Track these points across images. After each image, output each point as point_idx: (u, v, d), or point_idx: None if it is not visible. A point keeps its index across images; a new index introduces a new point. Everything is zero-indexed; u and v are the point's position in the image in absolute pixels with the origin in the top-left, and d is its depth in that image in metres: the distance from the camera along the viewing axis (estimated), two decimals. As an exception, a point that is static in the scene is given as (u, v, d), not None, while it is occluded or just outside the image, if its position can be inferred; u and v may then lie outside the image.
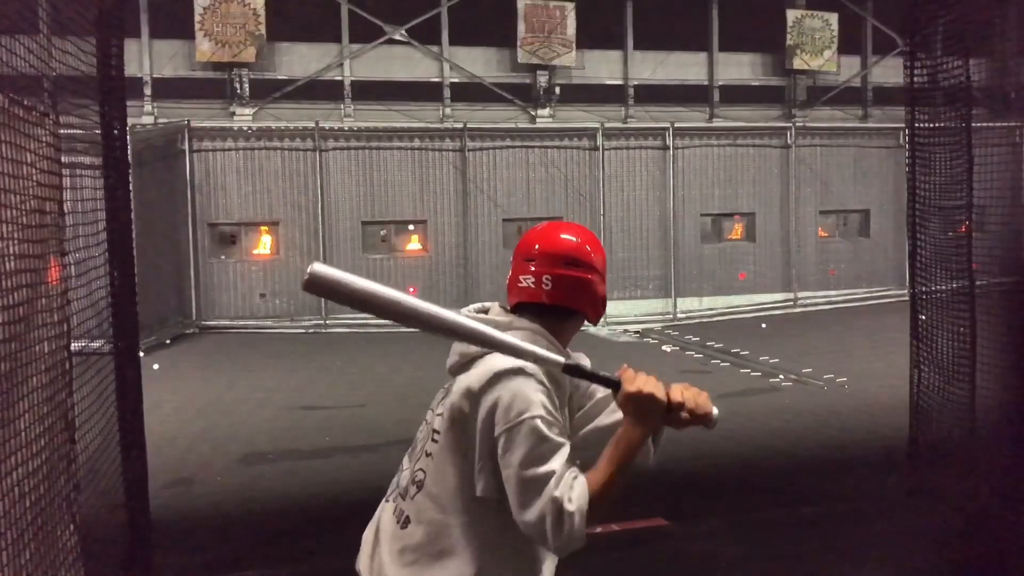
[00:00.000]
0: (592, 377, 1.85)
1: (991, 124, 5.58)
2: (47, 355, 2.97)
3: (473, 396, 1.85)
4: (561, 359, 1.82)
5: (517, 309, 2.02)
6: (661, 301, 17.71)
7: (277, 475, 6.83)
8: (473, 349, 1.92)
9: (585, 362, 1.95)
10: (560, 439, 1.79)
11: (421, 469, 1.94)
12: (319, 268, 1.74)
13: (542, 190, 17.28)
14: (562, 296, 1.98)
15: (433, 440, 1.94)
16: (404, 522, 1.92)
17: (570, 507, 1.72)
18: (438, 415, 1.95)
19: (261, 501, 6.17)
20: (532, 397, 1.80)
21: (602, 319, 2.11)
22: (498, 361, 1.85)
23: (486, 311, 2.02)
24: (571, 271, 1.98)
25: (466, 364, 1.93)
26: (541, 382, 1.84)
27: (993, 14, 5.44)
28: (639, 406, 1.76)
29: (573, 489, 1.74)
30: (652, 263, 17.76)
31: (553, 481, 1.73)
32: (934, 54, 5.39)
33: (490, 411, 1.81)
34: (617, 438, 1.80)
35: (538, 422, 1.77)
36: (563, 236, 2.02)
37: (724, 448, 7.34)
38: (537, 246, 2.00)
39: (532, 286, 1.98)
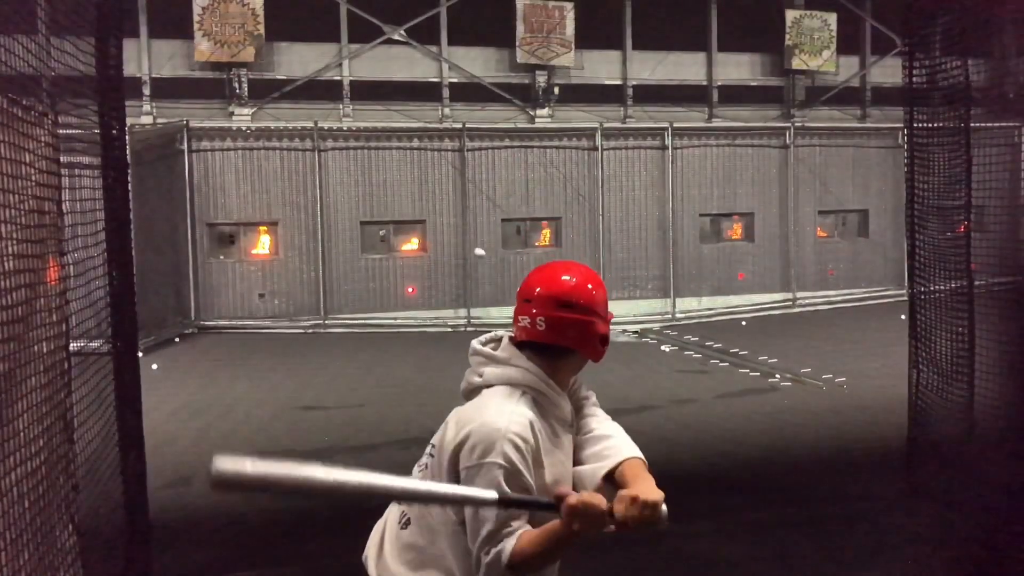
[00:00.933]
0: (527, 505, 1.87)
1: (990, 124, 5.58)
2: (46, 355, 2.96)
3: (453, 427, 1.98)
4: (489, 497, 1.80)
5: (523, 344, 2.09)
6: (660, 301, 17.72)
7: (276, 475, 6.82)
8: (477, 379, 2.05)
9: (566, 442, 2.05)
10: (510, 493, 1.85)
11: (420, 478, 2.07)
12: (224, 466, 1.64)
13: (541, 190, 17.28)
14: (557, 337, 2.05)
15: (429, 455, 2.08)
16: (405, 523, 2.06)
17: (486, 559, 1.86)
18: (438, 432, 2.07)
19: (260, 502, 6.16)
20: (497, 444, 1.87)
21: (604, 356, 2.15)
22: (488, 401, 1.98)
23: (499, 340, 2.13)
24: (566, 313, 2.04)
25: (470, 393, 2.09)
26: (517, 434, 1.90)
27: (991, 14, 5.44)
28: (578, 519, 1.77)
29: (499, 546, 1.85)
30: (651, 263, 17.77)
31: (486, 531, 1.85)
32: (933, 54, 5.40)
33: (458, 445, 1.93)
34: (554, 528, 1.85)
35: (496, 471, 1.86)
36: (561, 278, 2.09)
37: (722, 448, 7.35)
38: (536, 288, 2.07)
39: (529, 326, 2.05)
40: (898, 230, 17.58)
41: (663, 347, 13.99)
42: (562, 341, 2.05)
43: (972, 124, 5.20)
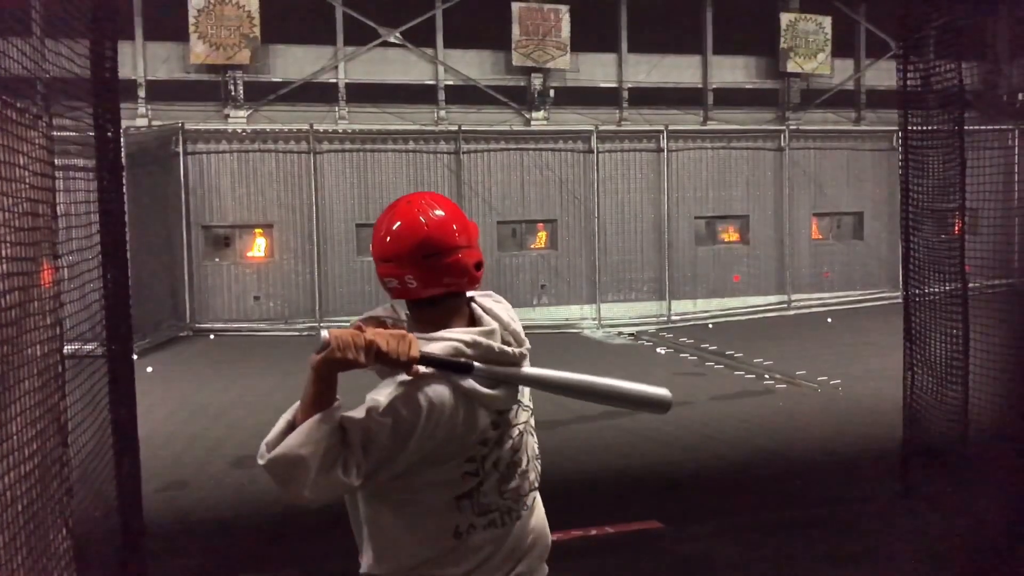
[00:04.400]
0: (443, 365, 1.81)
1: (983, 127, 5.61)
2: (39, 358, 2.95)
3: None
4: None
5: (412, 304, 1.97)
6: (655, 303, 17.74)
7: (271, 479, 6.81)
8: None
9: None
10: (361, 450, 1.74)
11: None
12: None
13: (537, 192, 17.29)
14: (433, 287, 1.90)
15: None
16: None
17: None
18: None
19: (255, 505, 6.15)
20: (382, 398, 1.76)
21: (478, 284, 2.01)
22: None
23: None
24: (434, 261, 1.88)
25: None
26: (402, 401, 1.77)
27: (985, 17, 5.46)
28: (334, 341, 1.70)
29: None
30: (646, 265, 17.78)
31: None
32: (927, 57, 5.41)
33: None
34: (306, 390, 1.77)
35: (385, 421, 1.74)
36: (414, 226, 1.89)
37: (718, 450, 7.35)
38: (393, 245, 1.89)
39: (399, 287, 1.91)
40: (893, 232, 17.64)
41: (658, 349, 14.00)
42: (441, 289, 1.91)
43: (966, 127, 5.22)
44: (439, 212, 1.92)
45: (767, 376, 10.89)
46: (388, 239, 1.90)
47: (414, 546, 1.89)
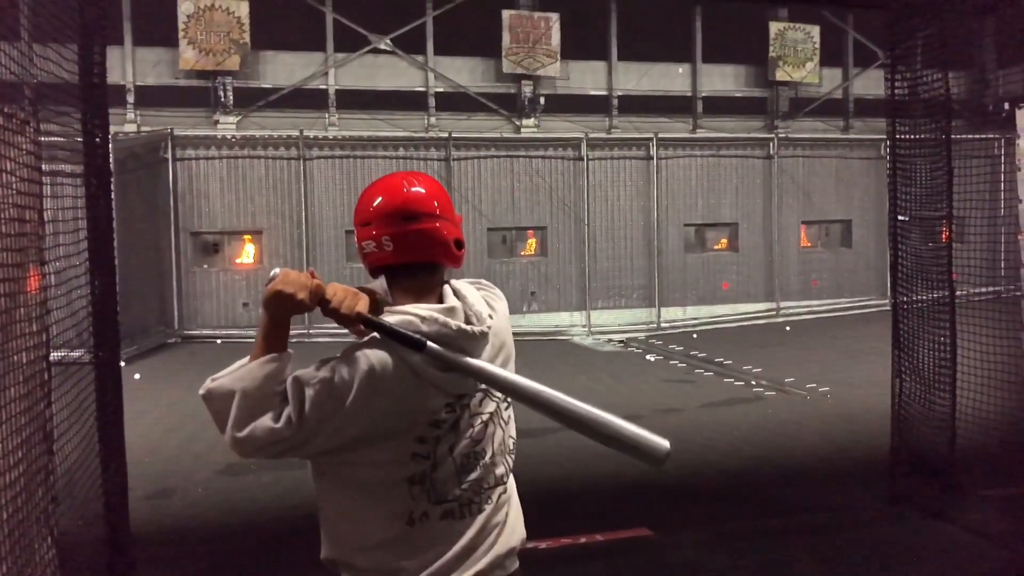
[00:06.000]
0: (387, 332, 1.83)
1: (970, 136, 5.66)
2: (25, 365, 2.93)
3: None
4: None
5: (376, 272, 1.98)
6: (645, 310, 17.76)
7: (260, 486, 6.78)
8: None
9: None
10: (274, 405, 1.78)
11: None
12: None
13: (527, 199, 17.30)
14: (409, 253, 1.91)
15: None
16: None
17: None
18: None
19: (244, 513, 6.11)
20: (330, 358, 1.81)
21: (463, 259, 2.02)
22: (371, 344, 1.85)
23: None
24: (412, 225, 1.89)
25: None
26: (344, 361, 1.80)
27: (972, 28, 5.51)
28: (282, 281, 1.79)
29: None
30: (636, 272, 17.82)
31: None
32: (914, 67, 5.46)
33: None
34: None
35: (322, 376, 1.78)
36: (397, 190, 1.92)
37: (707, 457, 7.36)
38: (373, 206, 1.92)
39: (376, 250, 1.92)
40: (881, 240, 17.75)
41: (648, 356, 14.01)
42: (418, 257, 1.91)
43: (953, 136, 5.26)
44: (422, 184, 1.96)
45: (756, 383, 10.92)
46: (369, 201, 1.93)
47: (364, 528, 1.87)
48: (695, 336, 16.07)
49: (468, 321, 1.89)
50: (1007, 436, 5.69)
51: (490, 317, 1.94)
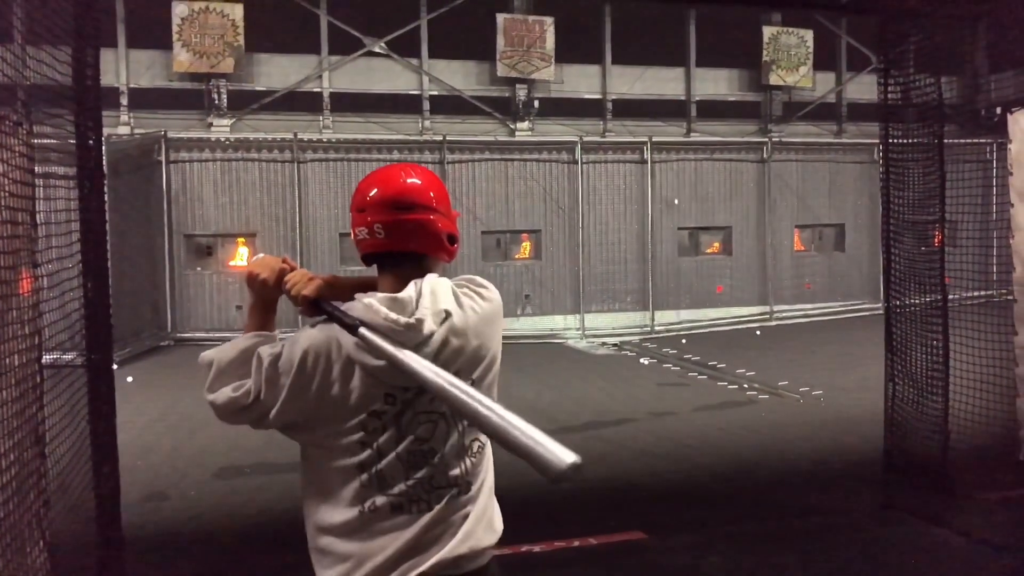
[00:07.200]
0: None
1: (962, 140, 5.68)
2: (17, 368, 2.92)
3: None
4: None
5: (368, 259, 2.01)
6: (639, 314, 17.79)
7: (253, 489, 6.76)
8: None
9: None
10: (239, 375, 1.93)
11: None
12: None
13: (521, 203, 17.32)
14: (400, 242, 1.93)
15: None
16: None
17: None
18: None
19: (237, 516, 6.09)
20: (275, 349, 1.91)
21: (457, 254, 2.04)
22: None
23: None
24: (405, 215, 1.91)
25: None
26: (292, 340, 1.91)
27: (963, 34, 5.54)
28: (256, 265, 1.99)
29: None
30: (630, 276, 17.84)
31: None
32: (907, 71, 5.48)
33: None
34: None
35: (273, 353, 1.89)
36: (393, 180, 1.95)
37: (701, 461, 7.36)
38: (369, 194, 1.94)
39: (368, 237, 1.94)
40: (874, 244, 17.83)
41: (642, 360, 14.02)
42: (408, 246, 1.93)
43: (945, 140, 5.29)
44: (419, 176, 1.99)
45: (749, 387, 10.93)
46: (366, 189, 1.96)
47: (325, 511, 1.91)
48: (684, 341, 16.09)
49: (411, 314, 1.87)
50: (999, 439, 5.72)
51: (447, 314, 1.88)
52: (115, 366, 4.75)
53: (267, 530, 5.74)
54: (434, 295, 1.89)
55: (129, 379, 11.56)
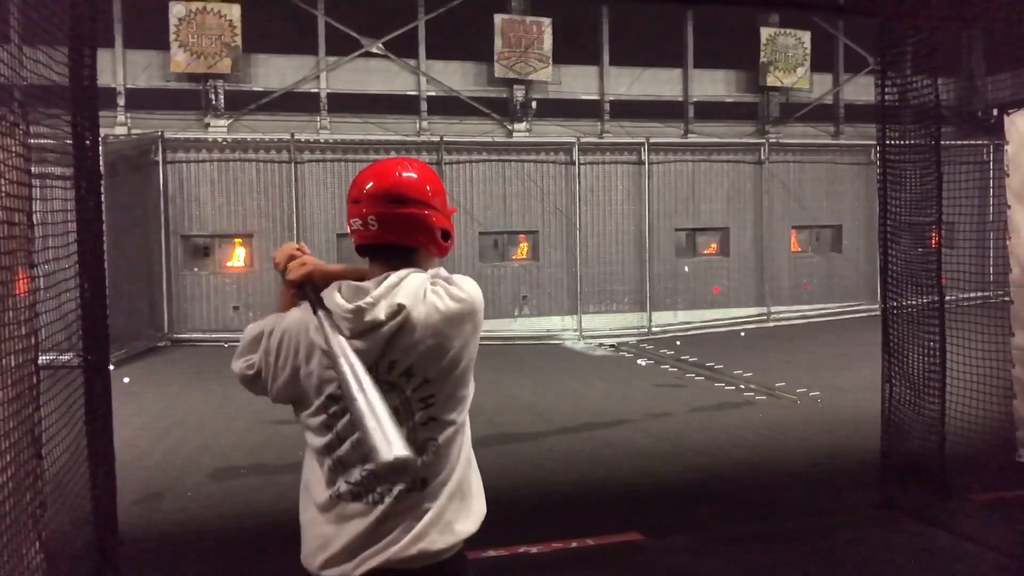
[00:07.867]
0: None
1: (959, 142, 5.69)
2: (13, 369, 2.91)
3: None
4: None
5: (362, 250, 2.05)
6: (636, 315, 17.79)
7: (249, 490, 6.75)
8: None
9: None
10: (253, 349, 2.06)
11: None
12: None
13: (519, 204, 17.32)
14: (392, 235, 1.95)
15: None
16: None
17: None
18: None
19: (233, 517, 6.08)
20: (273, 320, 2.05)
21: (450, 250, 2.07)
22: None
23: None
24: (398, 208, 1.93)
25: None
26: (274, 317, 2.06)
27: (961, 36, 5.55)
28: (277, 254, 2.15)
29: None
30: (627, 277, 17.85)
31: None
32: (904, 73, 5.49)
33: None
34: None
35: (261, 328, 2.05)
36: (389, 173, 1.98)
37: (698, 462, 7.36)
38: (365, 187, 1.97)
39: (361, 228, 1.98)
40: (871, 245, 17.83)
41: (639, 361, 14.03)
42: (399, 239, 1.95)
43: (942, 141, 5.29)
44: (416, 171, 2.01)
45: (747, 388, 10.94)
46: (363, 181, 2.00)
47: (309, 485, 1.99)
48: (678, 343, 16.09)
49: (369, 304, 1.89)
50: (996, 441, 5.72)
51: (400, 308, 1.87)
52: (112, 367, 4.74)
53: (263, 531, 5.73)
54: (394, 287, 1.90)
55: (126, 380, 11.55)
